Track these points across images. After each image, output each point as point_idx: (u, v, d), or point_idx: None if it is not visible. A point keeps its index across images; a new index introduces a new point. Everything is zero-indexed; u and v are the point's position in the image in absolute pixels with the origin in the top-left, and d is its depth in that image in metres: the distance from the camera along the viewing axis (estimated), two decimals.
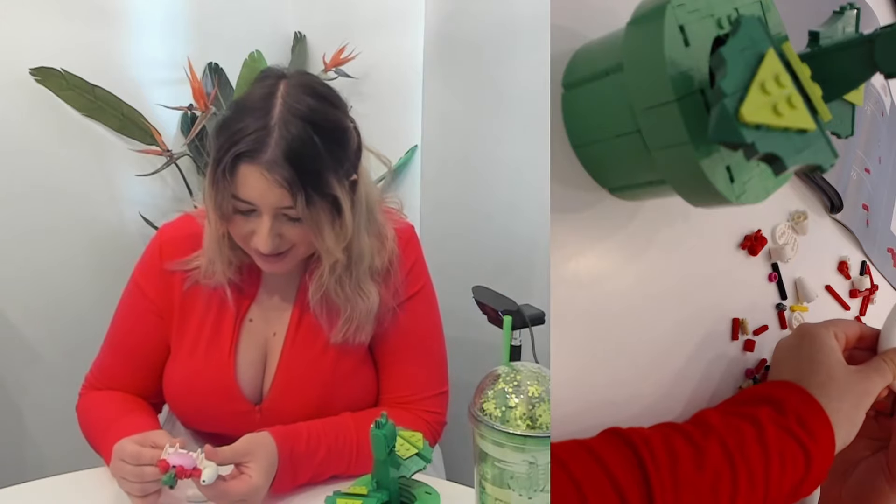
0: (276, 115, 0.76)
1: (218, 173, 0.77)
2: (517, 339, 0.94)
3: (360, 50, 1.50)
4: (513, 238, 1.44)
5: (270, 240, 0.79)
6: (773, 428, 0.53)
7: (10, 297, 1.35)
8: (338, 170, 0.80)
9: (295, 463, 0.79)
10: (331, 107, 0.81)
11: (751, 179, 0.51)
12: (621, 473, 0.47)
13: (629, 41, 0.49)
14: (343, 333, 0.88)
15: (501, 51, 1.40)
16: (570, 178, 0.59)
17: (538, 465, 0.59)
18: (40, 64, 1.29)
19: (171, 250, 0.90)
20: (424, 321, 0.96)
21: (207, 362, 0.88)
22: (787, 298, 0.75)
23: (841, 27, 0.54)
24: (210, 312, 0.89)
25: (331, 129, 0.80)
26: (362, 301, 0.87)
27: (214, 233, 0.84)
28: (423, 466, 0.72)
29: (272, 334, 0.91)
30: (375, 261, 0.89)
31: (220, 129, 0.79)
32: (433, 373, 0.95)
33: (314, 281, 0.87)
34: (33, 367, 1.40)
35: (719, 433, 0.52)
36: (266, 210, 0.78)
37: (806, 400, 0.56)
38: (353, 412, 0.89)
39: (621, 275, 0.61)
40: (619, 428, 0.52)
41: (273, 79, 0.81)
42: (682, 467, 0.49)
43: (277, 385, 0.89)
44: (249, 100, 0.80)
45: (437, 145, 1.54)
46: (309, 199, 0.77)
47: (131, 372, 0.92)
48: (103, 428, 0.85)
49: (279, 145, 0.75)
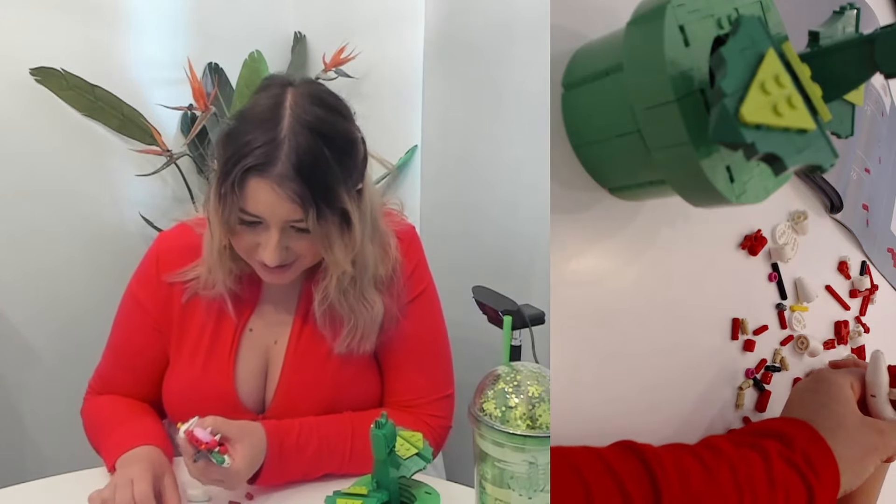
0: (286, 127, 0.74)
1: (226, 187, 0.75)
2: (517, 339, 0.94)
3: (360, 50, 1.50)
4: (513, 238, 1.44)
5: (278, 252, 0.77)
6: (780, 462, 0.53)
7: (10, 296, 1.35)
8: (347, 182, 0.78)
9: (283, 456, 0.79)
10: (340, 117, 0.80)
11: (751, 179, 0.51)
12: (633, 486, 0.47)
13: (629, 41, 0.49)
14: (347, 344, 0.87)
15: (501, 51, 1.40)
16: (570, 178, 0.59)
17: (538, 465, 0.59)
18: (40, 64, 1.29)
19: (168, 262, 0.88)
20: (428, 324, 0.94)
21: (206, 372, 0.87)
22: (787, 298, 0.75)
23: (841, 27, 0.54)
24: (209, 322, 0.88)
25: (340, 140, 0.78)
26: (366, 311, 0.86)
27: (216, 244, 0.83)
28: (423, 466, 0.72)
29: (273, 343, 0.90)
30: (379, 269, 0.87)
31: (226, 140, 0.77)
32: (437, 376, 0.94)
33: (319, 292, 0.85)
34: (33, 367, 1.40)
35: (729, 458, 0.52)
36: (274, 224, 0.76)
37: (814, 439, 0.56)
38: (353, 412, 0.88)
39: (621, 275, 0.61)
40: (631, 441, 0.52)
41: (278, 87, 0.78)
42: (692, 486, 0.49)
43: (280, 394, 0.88)
44: (256, 110, 0.77)
45: (437, 145, 1.54)
46: (320, 214, 0.75)
47: (132, 380, 0.92)
48: (108, 431, 0.85)
49: (290, 158, 0.73)
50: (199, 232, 0.87)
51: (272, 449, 0.78)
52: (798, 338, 0.77)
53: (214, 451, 0.72)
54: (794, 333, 0.77)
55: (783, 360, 0.75)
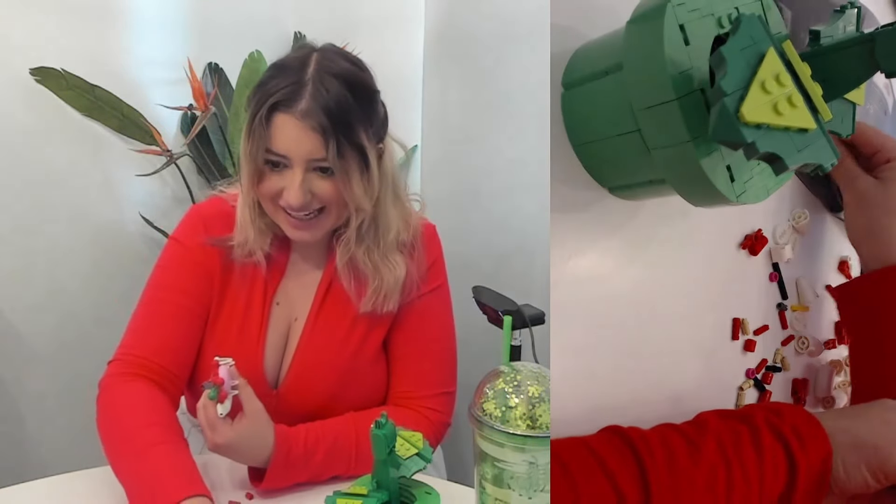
0: (311, 72, 0.81)
1: (255, 124, 0.80)
2: (517, 339, 0.93)
3: (360, 50, 1.49)
4: (513, 238, 1.44)
5: (302, 193, 0.81)
6: (767, 429, 0.53)
7: (10, 296, 1.35)
8: (367, 126, 0.83)
9: (289, 464, 0.80)
10: (362, 71, 0.86)
11: (751, 179, 0.51)
12: (619, 470, 0.47)
13: (629, 40, 0.49)
14: (372, 303, 0.89)
15: (501, 51, 1.40)
16: (570, 178, 0.59)
17: (538, 465, 0.59)
18: (40, 64, 1.29)
19: (211, 224, 0.90)
20: (439, 317, 0.96)
21: (241, 345, 0.89)
22: (787, 298, 0.75)
23: (842, 26, 0.54)
24: (241, 293, 0.90)
25: (362, 88, 0.84)
26: (390, 270, 0.89)
27: (247, 198, 0.86)
28: (423, 466, 0.72)
29: (294, 319, 0.93)
30: (402, 234, 0.91)
31: (257, 88, 0.83)
32: (441, 371, 0.95)
33: (342, 244, 0.89)
34: (33, 367, 1.40)
35: (716, 432, 0.52)
36: (298, 162, 0.80)
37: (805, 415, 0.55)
38: (356, 411, 0.89)
39: (621, 275, 0.61)
40: (618, 427, 0.52)
41: (308, 49, 0.85)
42: (678, 463, 0.49)
43: (294, 371, 0.90)
44: (286, 61, 0.84)
45: (437, 145, 1.54)
46: (340, 147, 0.80)
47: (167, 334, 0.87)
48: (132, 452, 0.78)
49: (314, 97, 0.79)
50: (233, 203, 0.90)
51: (278, 457, 0.79)
52: (799, 338, 0.77)
53: (213, 387, 0.75)
54: (795, 333, 0.77)
55: (784, 360, 0.75)
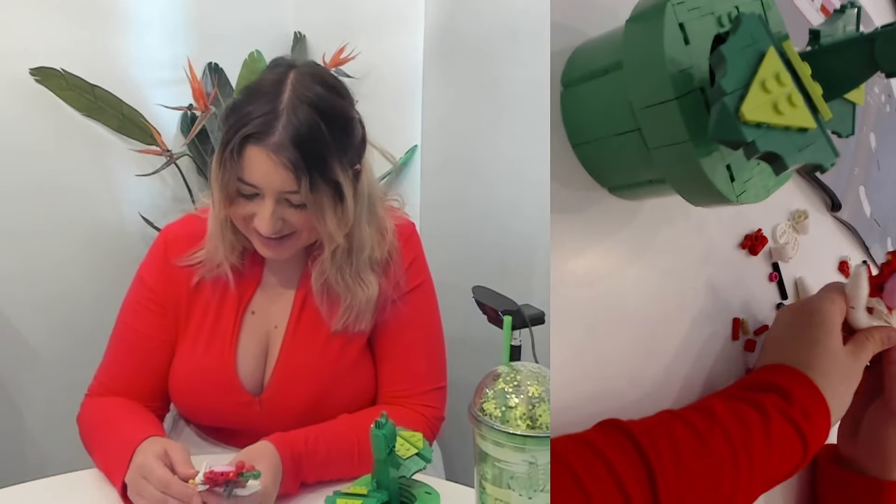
0: (285, 101, 0.78)
1: (226, 154, 0.79)
2: (517, 339, 0.93)
3: (360, 50, 1.50)
4: (513, 238, 1.44)
5: (272, 223, 0.80)
6: (779, 417, 0.53)
7: (10, 296, 1.35)
8: (342, 157, 0.81)
9: (297, 463, 0.79)
10: (338, 97, 0.84)
11: (751, 178, 0.51)
12: (624, 469, 0.47)
13: (629, 39, 0.49)
14: (343, 322, 0.89)
15: (501, 50, 1.40)
16: (570, 178, 0.59)
17: (538, 465, 0.59)
18: (40, 64, 1.28)
19: (176, 247, 0.91)
20: (424, 315, 0.96)
21: (208, 353, 0.89)
22: (787, 298, 0.75)
23: (842, 26, 0.54)
24: (212, 305, 0.90)
25: (337, 117, 0.81)
26: (362, 290, 0.89)
27: (218, 214, 0.86)
28: (423, 466, 0.72)
29: (273, 327, 0.92)
30: (376, 252, 0.90)
31: (229, 112, 0.81)
32: (432, 367, 0.96)
33: (316, 267, 0.89)
34: (33, 367, 1.40)
35: (723, 424, 0.52)
36: (269, 193, 0.79)
37: (811, 391, 0.56)
38: (350, 414, 0.89)
39: (621, 275, 0.61)
40: (617, 420, 0.52)
41: (283, 67, 0.83)
42: (685, 460, 0.49)
43: (277, 377, 0.90)
44: (259, 85, 0.82)
45: (437, 145, 1.54)
46: (313, 183, 0.78)
47: (135, 370, 0.91)
48: (104, 435, 0.84)
49: (286, 129, 0.77)
50: (204, 218, 0.90)
51: (285, 460, 0.79)
52: None
53: (245, 473, 0.70)
54: None
55: None
